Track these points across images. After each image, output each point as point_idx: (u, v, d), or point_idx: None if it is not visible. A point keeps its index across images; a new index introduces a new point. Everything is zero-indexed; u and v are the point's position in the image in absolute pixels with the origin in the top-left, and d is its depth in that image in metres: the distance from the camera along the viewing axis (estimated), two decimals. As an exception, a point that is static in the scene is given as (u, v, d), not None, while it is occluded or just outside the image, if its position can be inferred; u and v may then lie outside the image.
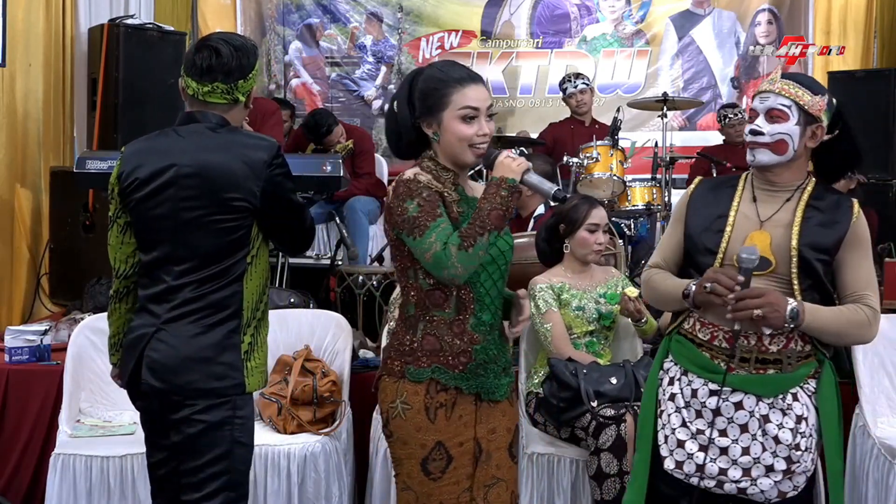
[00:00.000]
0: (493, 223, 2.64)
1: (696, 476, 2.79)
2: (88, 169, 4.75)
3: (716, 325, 2.79)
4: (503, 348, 2.84)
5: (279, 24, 9.66)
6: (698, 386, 2.81)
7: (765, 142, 2.77)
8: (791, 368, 2.77)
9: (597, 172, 6.45)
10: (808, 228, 2.76)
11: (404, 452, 2.77)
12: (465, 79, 2.76)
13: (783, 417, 2.76)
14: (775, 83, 2.80)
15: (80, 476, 3.97)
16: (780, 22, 9.63)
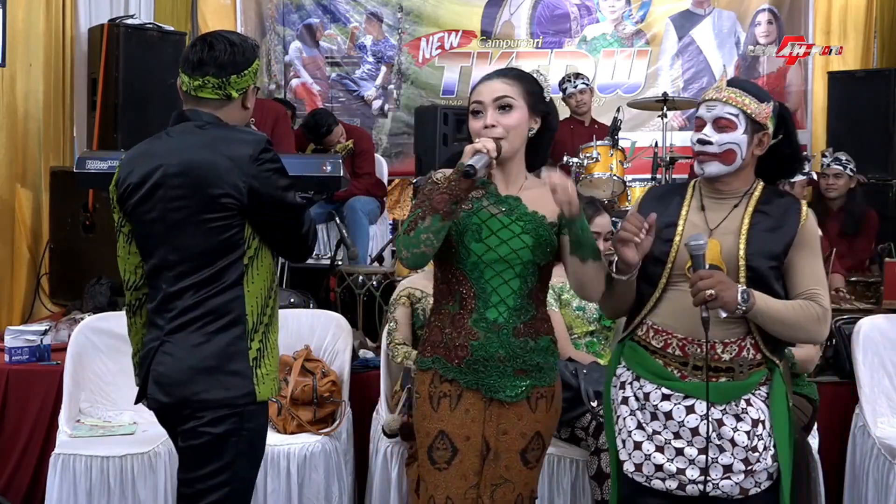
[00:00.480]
0: (434, 206, 2.64)
1: (657, 478, 2.78)
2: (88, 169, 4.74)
3: (669, 333, 2.78)
4: (521, 350, 2.78)
5: (279, 24, 9.66)
6: (650, 390, 2.81)
7: (713, 152, 2.75)
8: (743, 376, 2.76)
9: (597, 172, 6.46)
10: (755, 235, 2.74)
11: (418, 440, 2.85)
12: (482, 79, 2.85)
13: (738, 422, 2.75)
14: (721, 91, 2.78)
15: (80, 476, 3.97)
16: (780, 22, 9.62)
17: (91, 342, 4.38)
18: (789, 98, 9.60)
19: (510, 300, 2.77)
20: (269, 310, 2.82)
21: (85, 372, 4.37)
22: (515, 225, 2.78)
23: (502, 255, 2.75)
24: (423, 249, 2.66)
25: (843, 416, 4.40)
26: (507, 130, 2.74)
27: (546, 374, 2.84)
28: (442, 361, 2.79)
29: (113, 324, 4.44)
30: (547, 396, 2.85)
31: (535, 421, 2.82)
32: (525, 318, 2.80)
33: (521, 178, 2.86)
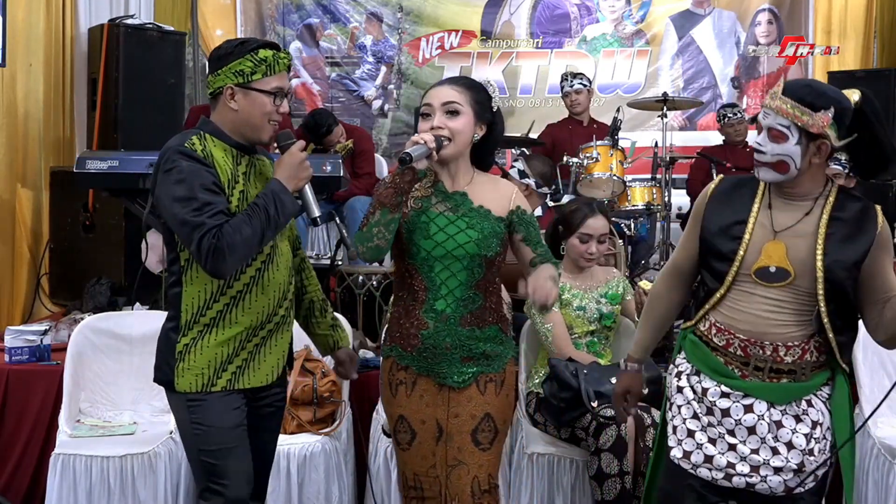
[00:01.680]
0: (381, 201, 2.86)
1: (704, 467, 2.78)
2: (88, 169, 4.74)
3: (731, 332, 2.78)
4: (468, 339, 2.96)
5: (279, 24, 9.66)
6: (709, 386, 2.81)
7: (766, 161, 2.72)
8: (805, 378, 2.75)
9: (597, 172, 6.45)
10: (833, 244, 2.70)
11: (385, 424, 3.20)
12: (434, 85, 3.03)
13: (797, 423, 2.75)
14: (775, 99, 2.72)
15: (80, 476, 3.97)
16: (780, 22, 9.63)
17: (91, 342, 4.37)
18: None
19: (457, 291, 2.96)
20: (214, 313, 2.85)
21: (85, 372, 4.36)
22: (461, 220, 2.96)
23: (449, 250, 2.93)
24: (376, 243, 2.87)
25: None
26: (452, 133, 2.92)
27: (493, 361, 3.02)
28: (398, 349, 3.02)
29: (113, 323, 4.45)
30: (496, 381, 3.02)
31: (484, 403, 2.99)
32: (472, 308, 2.98)
33: (467, 177, 3.03)
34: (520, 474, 4.04)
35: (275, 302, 2.93)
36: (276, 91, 2.87)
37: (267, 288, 2.90)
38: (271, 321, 2.93)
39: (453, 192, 3.00)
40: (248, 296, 2.88)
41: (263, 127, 2.88)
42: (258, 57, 2.85)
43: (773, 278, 2.71)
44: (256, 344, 2.91)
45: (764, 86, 9.61)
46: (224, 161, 2.84)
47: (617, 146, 6.62)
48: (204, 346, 2.86)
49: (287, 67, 2.92)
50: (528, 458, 4.01)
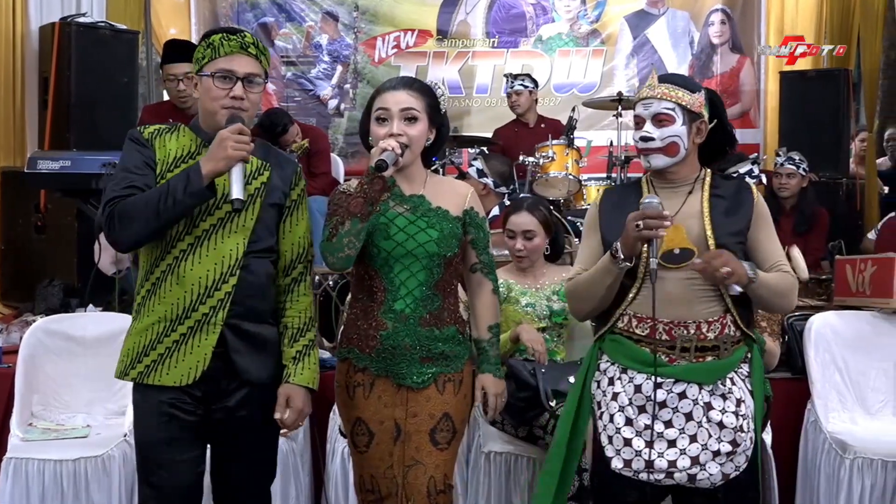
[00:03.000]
0: (351, 211, 2.84)
1: (646, 472, 2.84)
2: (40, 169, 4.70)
3: (654, 319, 2.85)
4: (427, 339, 2.97)
5: (233, 23, 9.58)
6: (641, 381, 2.88)
7: (657, 146, 2.89)
8: (727, 354, 2.88)
9: (552, 171, 6.48)
10: (717, 217, 2.89)
11: (342, 425, 3.18)
12: (386, 87, 3.01)
13: (724, 402, 2.85)
14: (655, 88, 2.91)
15: (32, 480, 3.93)
16: (732, 22, 9.73)
17: (43, 344, 4.32)
18: (743, 97, 9.71)
19: (417, 292, 2.97)
20: (140, 298, 2.88)
21: (37, 374, 4.31)
22: (421, 220, 2.99)
23: (409, 250, 2.95)
24: (347, 252, 2.86)
25: (795, 412, 4.45)
26: (410, 140, 2.93)
27: (452, 361, 3.03)
28: (355, 351, 3.02)
29: (66, 325, 4.40)
30: (454, 381, 3.04)
31: (443, 402, 3.00)
32: (431, 309, 2.99)
33: (422, 177, 3.06)
34: (477, 473, 4.04)
35: (193, 297, 2.80)
36: (219, 72, 2.81)
37: (183, 280, 2.80)
38: (190, 317, 2.81)
39: (410, 195, 3.01)
40: (164, 284, 2.82)
41: (215, 111, 2.83)
42: (207, 42, 2.85)
43: (679, 259, 2.84)
44: (175, 340, 2.81)
45: (717, 85, 9.69)
46: (177, 146, 2.84)
47: (572, 145, 6.66)
48: (132, 331, 2.88)
49: (240, 49, 2.83)
50: (486, 457, 4.01)
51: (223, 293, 2.82)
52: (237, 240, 2.85)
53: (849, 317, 4.56)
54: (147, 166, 2.79)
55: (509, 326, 4.10)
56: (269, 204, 2.91)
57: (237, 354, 2.86)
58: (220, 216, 2.83)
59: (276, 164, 2.97)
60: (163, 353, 2.82)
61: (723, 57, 9.73)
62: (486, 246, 3.09)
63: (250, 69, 2.85)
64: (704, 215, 2.89)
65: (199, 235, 2.82)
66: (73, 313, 4.96)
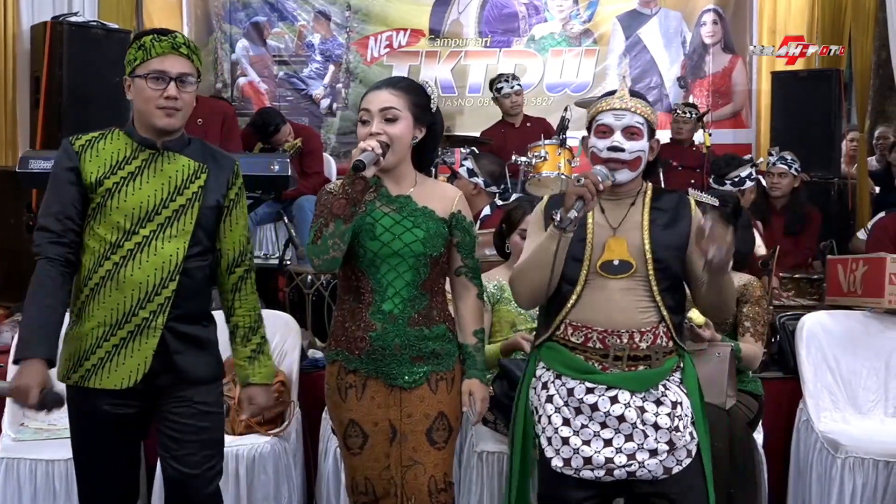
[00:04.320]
0: (334, 213, 2.82)
1: (586, 469, 2.87)
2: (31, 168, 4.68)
3: (589, 327, 2.90)
4: (416, 339, 2.97)
5: (226, 22, 9.60)
6: (574, 385, 2.91)
7: (625, 159, 2.90)
8: (658, 363, 2.91)
9: (545, 171, 6.48)
10: (656, 230, 2.93)
11: (334, 427, 3.14)
12: (371, 88, 3.03)
13: (658, 407, 2.89)
14: (628, 101, 2.93)
15: (24, 480, 3.92)
16: (724, 22, 9.75)
17: (35, 344, 4.30)
18: (735, 97, 9.74)
19: (404, 292, 2.96)
20: (79, 303, 2.88)
21: (29, 374, 4.29)
22: (407, 220, 2.98)
23: (396, 250, 2.94)
24: (332, 255, 2.85)
25: (787, 411, 4.47)
26: (391, 139, 2.91)
27: (443, 359, 3.02)
28: (344, 353, 3.00)
29: (57, 325, 4.38)
30: (447, 379, 3.04)
31: (437, 401, 3.00)
32: (419, 308, 2.98)
33: (410, 180, 3.05)
34: (469, 472, 4.04)
35: (133, 301, 2.82)
36: (152, 73, 2.82)
37: (123, 285, 2.82)
38: (130, 321, 2.83)
39: (397, 195, 3.01)
40: (103, 290, 2.83)
41: (151, 112, 2.84)
42: (138, 43, 2.85)
43: (617, 270, 2.89)
44: (115, 344, 2.83)
45: (709, 85, 9.73)
46: (113, 154, 2.86)
47: (565, 145, 6.66)
48: (71, 336, 2.88)
49: (173, 49, 2.84)
50: (478, 457, 4.02)
51: (163, 297, 2.85)
52: (177, 244, 2.87)
53: (840, 316, 4.58)
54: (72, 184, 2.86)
55: (503, 326, 4.11)
56: (206, 207, 2.93)
57: (178, 356, 2.90)
58: (160, 221, 2.86)
59: (214, 165, 2.98)
60: (103, 357, 2.84)
61: (715, 57, 9.75)
62: (471, 250, 3.08)
63: (183, 69, 2.86)
64: (644, 228, 2.92)
65: (140, 241, 2.84)
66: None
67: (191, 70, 2.88)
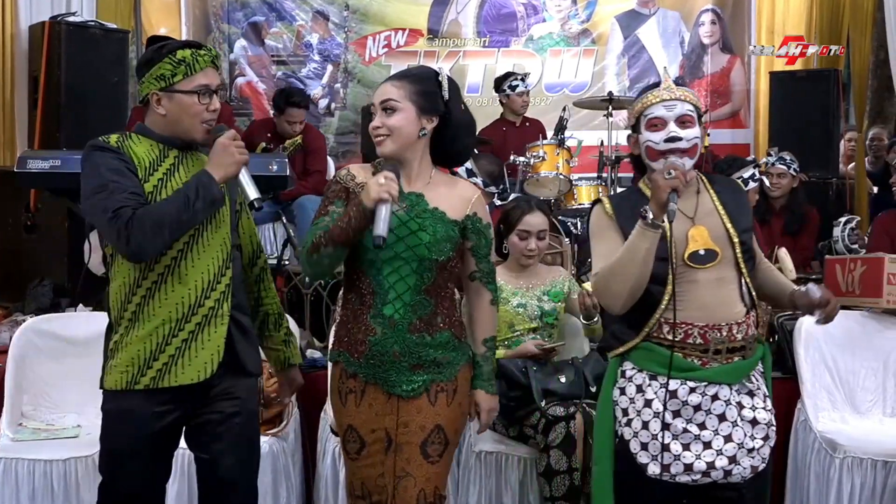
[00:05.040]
0: (335, 238, 2.76)
1: (685, 474, 2.83)
2: (30, 168, 4.67)
3: (689, 324, 2.84)
4: (417, 346, 2.86)
5: (224, 22, 9.60)
6: (675, 386, 2.85)
7: (684, 147, 2.87)
8: (751, 353, 2.90)
9: (543, 171, 6.49)
10: (732, 213, 2.92)
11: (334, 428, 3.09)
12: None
13: (753, 399, 2.88)
14: (675, 91, 2.91)
15: (22, 480, 3.91)
16: (723, 22, 9.76)
17: (33, 344, 4.31)
18: (733, 97, 9.75)
19: (406, 296, 2.85)
20: (133, 306, 2.82)
21: (27, 374, 4.30)
22: (413, 222, 2.85)
23: (398, 252, 2.83)
24: (326, 270, 2.87)
25: (785, 412, 4.46)
26: (390, 129, 2.85)
27: (445, 368, 2.91)
28: (346, 355, 2.92)
29: (56, 325, 4.38)
30: (447, 391, 2.92)
31: (434, 414, 2.89)
32: (421, 314, 2.87)
33: (425, 175, 2.95)
34: (468, 472, 4.05)
35: (198, 293, 2.82)
36: (200, 89, 2.83)
37: (186, 278, 2.81)
38: (197, 313, 2.82)
39: (409, 192, 2.89)
40: (164, 286, 2.81)
41: (194, 127, 2.85)
42: (177, 58, 2.82)
43: (704, 260, 2.85)
44: (184, 339, 2.81)
45: (708, 85, 9.73)
46: (146, 154, 2.84)
47: (563, 145, 6.67)
48: (128, 342, 2.81)
49: (211, 63, 2.86)
50: (476, 457, 4.02)
51: (223, 285, 2.87)
52: (223, 233, 2.90)
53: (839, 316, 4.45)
54: (132, 172, 2.79)
55: (501, 326, 4.11)
56: (232, 199, 2.97)
57: (239, 344, 2.91)
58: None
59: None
60: (174, 353, 2.81)
61: (713, 57, 9.76)
62: (487, 254, 2.99)
63: (218, 81, 2.91)
64: (720, 213, 2.91)
65: (193, 234, 2.83)
66: (64, 313, 4.95)
67: (222, 81, 2.97)
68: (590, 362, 4.04)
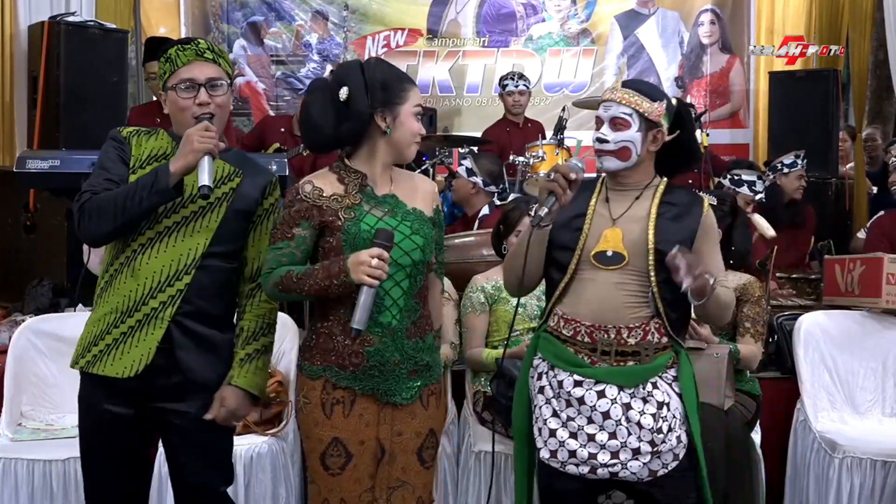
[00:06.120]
0: (309, 292, 2.73)
1: (571, 463, 2.88)
2: (29, 168, 4.67)
3: (578, 321, 2.91)
4: (413, 351, 2.83)
5: (223, 22, 9.59)
6: (563, 378, 2.92)
7: (609, 149, 2.93)
8: (649, 360, 2.90)
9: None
10: (661, 224, 2.93)
11: (307, 446, 2.87)
12: (412, 79, 2.92)
13: (644, 405, 2.88)
14: (616, 92, 2.96)
15: (21, 481, 3.91)
16: (722, 22, 9.76)
17: (32, 344, 4.31)
18: (732, 97, 9.74)
19: (401, 301, 2.81)
20: (99, 289, 2.90)
21: (26, 374, 4.30)
22: (403, 226, 2.81)
23: (395, 259, 2.75)
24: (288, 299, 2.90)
25: (785, 411, 4.47)
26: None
27: (434, 371, 2.92)
28: (334, 369, 2.80)
29: (55, 325, 4.38)
30: (436, 393, 2.93)
31: (428, 418, 2.88)
32: (414, 318, 2.85)
33: (388, 174, 2.89)
34: (467, 473, 4.05)
35: (145, 290, 2.81)
36: (183, 83, 2.84)
37: (138, 273, 2.82)
38: (140, 310, 2.82)
39: (383, 195, 2.84)
40: (120, 276, 2.84)
41: (186, 121, 2.85)
42: (166, 56, 2.88)
43: (609, 262, 2.90)
44: (123, 332, 2.82)
45: (707, 85, 9.73)
46: (153, 146, 2.89)
47: (562, 145, 6.67)
48: (87, 322, 2.90)
49: (198, 56, 2.86)
50: (475, 457, 4.02)
51: (175, 290, 2.83)
52: (199, 240, 2.86)
53: (838, 316, 4.58)
54: (122, 161, 2.85)
55: (500, 327, 4.12)
56: (235, 209, 2.91)
57: (181, 351, 2.85)
58: (185, 214, 2.85)
59: (251, 172, 2.97)
60: (110, 343, 2.83)
61: (712, 57, 9.76)
62: (442, 245, 3.01)
63: (210, 74, 2.87)
64: (650, 220, 2.92)
65: (161, 231, 2.84)
66: (63, 313, 4.94)
67: (219, 74, 2.89)
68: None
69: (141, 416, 2.89)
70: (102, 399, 2.86)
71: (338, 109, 2.79)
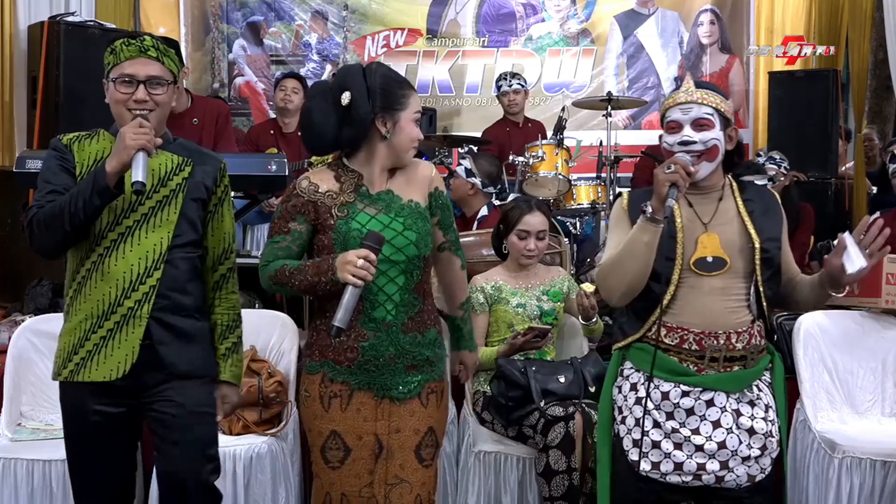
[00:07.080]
0: (301, 288, 2.77)
1: (675, 474, 2.84)
2: (28, 168, 4.67)
3: (685, 329, 2.85)
4: (411, 346, 2.85)
5: (223, 22, 9.60)
6: (668, 388, 2.87)
7: (699, 150, 2.86)
8: (753, 363, 2.89)
9: (542, 171, 6.49)
10: (758, 222, 2.90)
11: (310, 440, 2.94)
12: (412, 85, 2.92)
13: (753, 409, 2.87)
14: (693, 93, 2.90)
15: (21, 481, 3.91)
16: (721, 22, 9.77)
17: (32, 344, 4.30)
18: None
19: (396, 297, 2.83)
20: (69, 298, 2.92)
21: (26, 375, 4.29)
22: (396, 222, 2.84)
23: (387, 256, 2.78)
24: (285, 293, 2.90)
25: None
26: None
27: (436, 367, 2.93)
28: (331, 364, 2.85)
29: (54, 325, 4.32)
30: (437, 391, 2.93)
31: (427, 416, 2.89)
32: (412, 313, 2.86)
33: (385, 176, 2.91)
34: (467, 473, 4.05)
35: (118, 291, 2.82)
36: (122, 78, 2.85)
37: (107, 276, 2.82)
38: (116, 312, 2.83)
39: (378, 192, 2.87)
40: (89, 283, 2.85)
41: (122, 116, 2.86)
42: (111, 48, 2.89)
43: (711, 268, 2.85)
44: (102, 336, 2.83)
45: (706, 85, 9.73)
46: (97, 151, 2.90)
47: (562, 145, 6.67)
48: (62, 333, 2.91)
49: (139, 52, 2.85)
50: (476, 457, 4.02)
51: (148, 287, 2.85)
52: (161, 234, 2.87)
53: (837, 316, 4.57)
54: (65, 170, 2.86)
55: (500, 327, 4.12)
56: (191, 199, 2.93)
57: (163, 347, 2.87)
58: (144, 212, 2.86)
59: (200, 160, 2.98)
60: (91, 349, 2.84)
61: (712, 57, 9.77)
62: (451, 223, 3.01)
63: (152, 72, 2.87)
64: (745, 219, 2.90)
65: (123, 232, 2.84)
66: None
67: (161, 73, 2.88)
68: (589, 362, 4.04)
69: (131, 412, 2.92)
70: (91, 402, 2.87)
71: (339, 114, 2.82)
